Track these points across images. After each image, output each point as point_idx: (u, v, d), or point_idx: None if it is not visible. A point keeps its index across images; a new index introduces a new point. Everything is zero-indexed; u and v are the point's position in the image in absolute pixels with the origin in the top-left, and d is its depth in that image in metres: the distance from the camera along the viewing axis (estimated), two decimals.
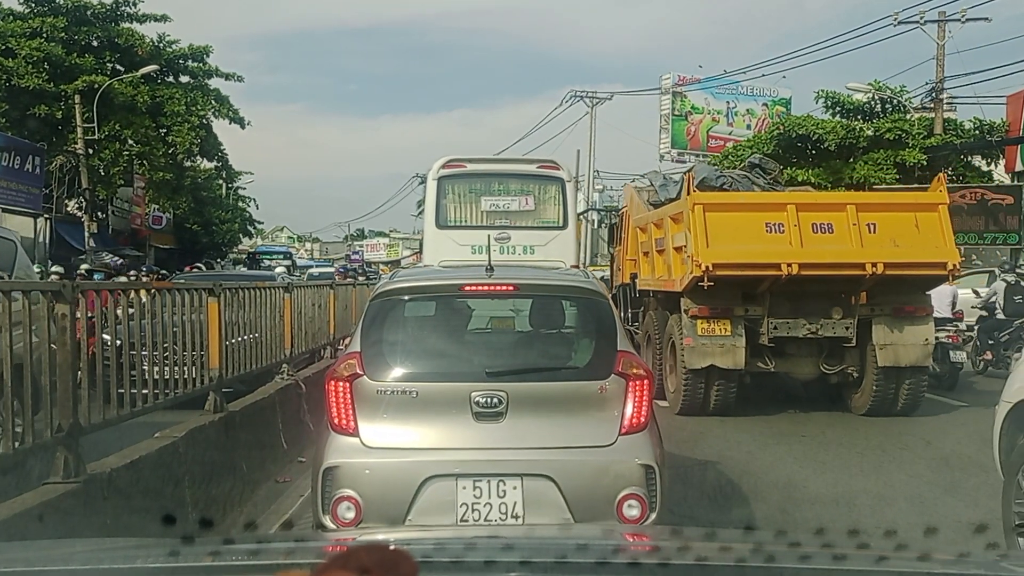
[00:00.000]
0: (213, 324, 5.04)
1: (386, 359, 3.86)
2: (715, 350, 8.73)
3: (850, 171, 22.90)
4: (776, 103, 38.19)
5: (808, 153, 23.86)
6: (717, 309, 8.82)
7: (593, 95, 39.32)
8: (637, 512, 3.59)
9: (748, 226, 8.69)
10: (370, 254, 74.25)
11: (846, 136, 22.66)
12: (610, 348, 3.88)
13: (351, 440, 3.69)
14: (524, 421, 3.69)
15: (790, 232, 8.54)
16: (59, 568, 1.50)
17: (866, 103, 24.02)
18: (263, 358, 6.32)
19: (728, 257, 8.47)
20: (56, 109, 24.79)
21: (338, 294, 9.42)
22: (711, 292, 8.61)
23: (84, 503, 3.45)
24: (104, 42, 26.50)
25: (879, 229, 8.61)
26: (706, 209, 8.65)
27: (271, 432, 5.93)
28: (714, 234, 8.56)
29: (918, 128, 22.81)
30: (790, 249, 8.45)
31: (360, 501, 3.57)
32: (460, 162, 10.55)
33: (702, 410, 8.97)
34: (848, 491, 5.97)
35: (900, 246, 8.56)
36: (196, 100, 27.32)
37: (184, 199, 36.18)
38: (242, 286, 5.89)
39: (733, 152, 24.82)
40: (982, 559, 1.52)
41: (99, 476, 3.62)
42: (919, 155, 22.30)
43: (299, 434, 6.54)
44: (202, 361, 4.96)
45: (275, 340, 6.66)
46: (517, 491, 3.55)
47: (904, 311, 8.91)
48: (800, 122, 22.91)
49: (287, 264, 40.92)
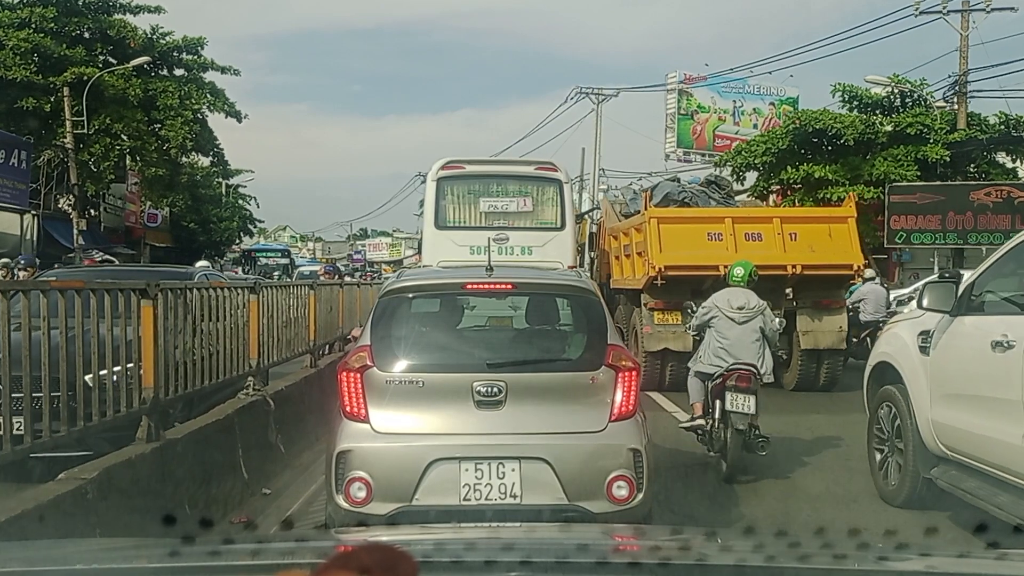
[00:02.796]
0: (147, 334, 4.11)
1: (394, 352, 4.11)
2: (668, 336, 10.54)
3: (869, 168, 21.88)
4: (784, 102, 37.81)
5: (824, 149, 22.86)
6: (670, 302, 10.53)
7: (599, 91, 38.63)
8: (625, 492, 3.86)
9: (694, 235, 10.70)
10: (373, 253, 73.67)
11: (865, 131, 21.65)
12: (601, 342, 4.16)
13: (362, 426, 3.94)
14: (522, 409, 3.95)
15: (727, 240, 10.51)
16: (59, 568, 1.50)
17: (885, 97, 22.98)
18: (220, 371, 5.32)
19: (677, 260, 10.40)
20: (45, 102, 23.96)
21: (321, 295, 8.39)
22: (665, 289, 10.54)
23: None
24: (96, 33, 25.68)
25: (799, 238, 10.58)
26: (660, 221, 10.72)
27: (228, 460, 5.00)
28: (666, 242, 10.54)
29: (940, 123, 21.77)
30: (727, 253, 10.03)
31: (371, 481, 3.81)
32: (459, 163, 10.79)
33: (659, 386, 10.45)
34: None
35: (816, 251, 10.49)
36: (190, 93, 26.47)
37: (181, 196, 35.37)
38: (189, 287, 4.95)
39: (747, 148, 23.81)
40: (982, 559, 1.54)
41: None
42: (942, 151, 21.27)
43: (266, 460, 5.63)
44: (128, 381, 4.00)
45: (237, 350, 5.69)
46: (515, 472, 3.81)
47: (822, 304, 10.79)
48: (817, 116, 21.83)
49: (285, 262, 40.02)
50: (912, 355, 5.41)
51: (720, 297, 6.91)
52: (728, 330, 6.62)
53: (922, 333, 5.32)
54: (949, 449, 5.02)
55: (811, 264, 10.37)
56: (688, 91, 37.89)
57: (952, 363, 5.07)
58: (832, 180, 21.73)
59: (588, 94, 38.33)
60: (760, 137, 24.86)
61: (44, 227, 24.54)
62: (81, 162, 24.50)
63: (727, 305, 6.72)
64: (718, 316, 6.73)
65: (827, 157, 22.43)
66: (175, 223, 37.44)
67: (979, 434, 4.71)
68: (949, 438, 5.01)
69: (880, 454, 5.80)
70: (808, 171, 21.74)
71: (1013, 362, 4.35)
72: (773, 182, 23.42)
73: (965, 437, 4.87)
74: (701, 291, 10.11)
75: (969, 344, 4.88)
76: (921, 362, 5.31)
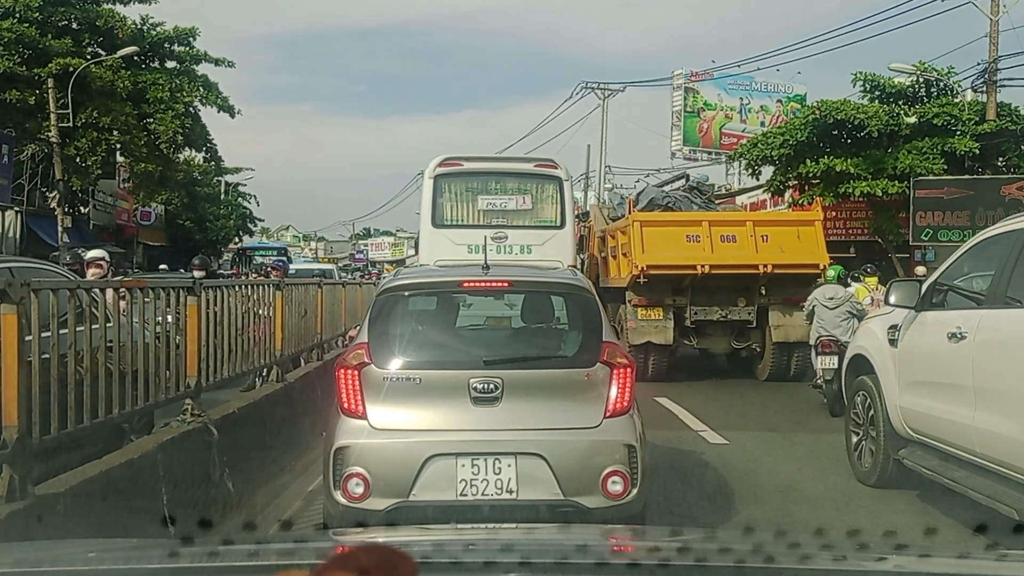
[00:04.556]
0: (9, 346, 3.00)
1: (391, 349, 4.12)
2: (651, 330, 11.37)
3: (892, 161, 20.68)
4: (791, 99, 37.24)
5: (844, 141, 21.67)
6: (652, 299, 11.46)
7: (605, 86, 37.83)
8: (620, 487, 3.86)
9: (673, 237, 11.49)
10: (375, 253, 72.98)
11: (889, 122, 20.44)
12: (596, 339, 4.18)
13: (359, 422, 3.95)
14: (518, 405, 3.95)
15: (704, 242, 11.32)
16: (59, 568, 1.49)
17: (909, 86, 21.76)
18: (131, 397, 3.99)
19: (659, 260, 11.16)
20: (29, 95, 22.97)
21: (291, 296, 7.09)
22: (647, 287, 11.37)
23: None
24: (83, 24, 24.68)
25: (770, 239, 11.44)
26: (643, 225, 11.49)
27: (147, 512, 3.86)
28: (648, 243, 11.28)
29: (968, 113, 20.56)
30: (704, 254, 11.19)
31: (368, 477, 3.81)
32: (456, 160, 10.56)
33: (642, 377, 10.60)
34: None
35: (785, 252, 11.35)
36: (182, 86, 25.45)
37: (176, 194, 34.37)
38: (81, 285, 3.83)
39: (763, 140, 22.60)
40: (982, 559, 1.55)
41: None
42: (970, 143, 20.06)
43: (208, 503, 4.51)
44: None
45: (168, 365, 4.52)
46: (511, 468, 3.82)
47: (792, 300, 11.36)
48: (838, 106, 20.57)
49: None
50: (882, 347, 5.93)
51: (818, 292, 9.77)
52: (823, 313, 9.45)
53: (891, 327, 5.81)
54: (914, 431, 5.50)
55: (781, 263, 11.24)
56: (694, 88, 37.65)
57: (916, 354, 5.55)
58: (854, 174, 20.55)
59: (594, 89, 37.70)
60: (777, 129, 23.68)
61: (28, 224, 23.52)
62: (67, 157, 23.49)
63: (822, 297, 9.59)
64: (817, 305, 9.57)
65: (848, 150, 21.25)
66: (170, 221, 36.46)
67: (938, 417, 5.16)
68: (914, 422, 5.50)
69: (856, 437, 6.28)
70: (829, 164, 20.56)
71: (965, 351, 4.81)
72: (791, 176, 22.23)
73: (927, 420, 5.34)
74: (681, 289, 11.57)
75: (930, 336, 5.34)
76: (890, 353, 5.80)
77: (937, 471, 5.10)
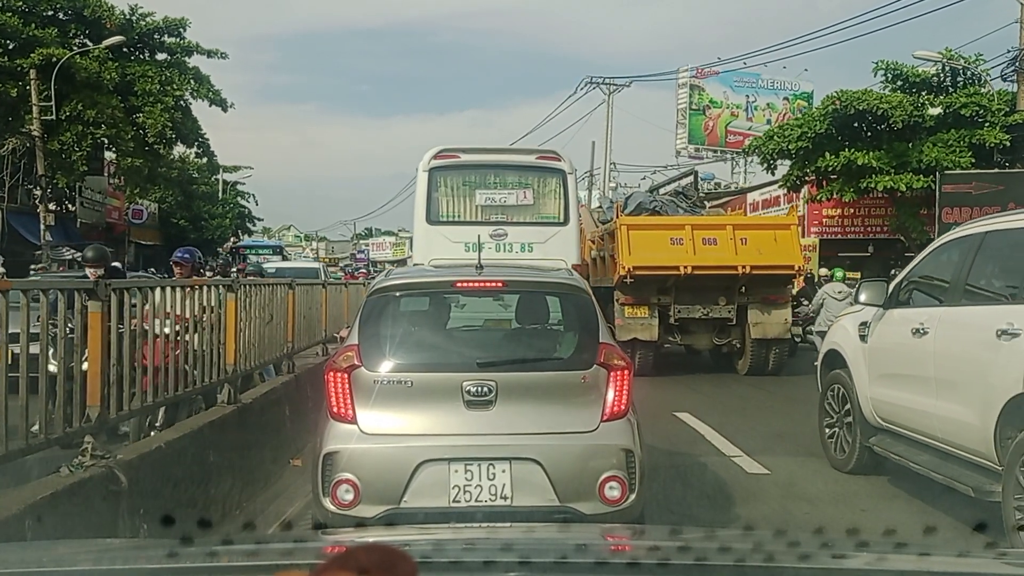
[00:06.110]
0: None
1: (382, 351, 4.02)
2: (637, 327, 12.10)
3: (916, 154, 19.56)
4: (798, 97, 36.66)
5: (865, 134, 20.55)
6: (638, 298, 12.18)
7: (610, 81, 36.89)
8: (618, 493, 3.77)
9: (658, 240, 12.17)
10: (376, 253, 72.21)
11: (914, 112, 19.31)
12: (592, 341, 4.09)
13: (349, 427, 3.85)
14: (512, 408, 3.87)
15: (687, 244, 12.00)
16: (59, 568, 1.49)
17: (934, 75, 20.63)
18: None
19: (644, 261, 11.85)
20: (11, 87, 22.01)
21: (252, 299, 5.96)
22: (633, 286, 12.05)
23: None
24: (70, 14, 23.70)
25: (749, 242, 12.06)
26: (629, 228, 12.24)
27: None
28: (635, 245, 12.00)
29: (998, 104, 19.42)
30: (687, 256, 11.89)
31: (358, 484, 3.72)
32: (453, 152, 10.05)
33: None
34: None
35: (763, 254, 11.97)
36: (172, 79, 24.46)
37: (171, 192, 33.37)
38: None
39: (779, 132, 21.49)
40: (982, 558, 1.53)
41: None
42: (1001, 135, 18.93)
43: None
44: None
45: (53, 392, 3.40)
46: (506, 474, 3.73)
47: (769, 299, 12.22)
48: (860, 96, 19.43)
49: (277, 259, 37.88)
50: (854, 343, 6.31)
51: (828, 287, 12.35)
52: (832, 304, 11.28)
53: (862, 324, 6.20)
54: (884, 420, 5.87)
55: (759, 265, 11.84)
56: (700, 86, 37.04)
57: (884, 348, 5.93)
58: (876, 168, 19.44)
59: (599, 84, 36.75)
60: (795, 121, 22.57)
61: (8, 222, 22.55)
62: (50, 151, 22.49)
63: (832, 291, 11.75)
64: (827, 297, 11.99)
65: (869, 143, 20.14)
66: (164, 220, 35.47)
67: (904, 406, 5.55)
68: (883, 411, 5.87)
69: (831, 429, 6.59)
70: (850, 158, 19.45)
71: (927, 345, 5.21)
72: (809, 170, 21.12)
73: (895, 410, 5.71)
74: (665, 289, 12.29)
75: (896, 332, 5.71)
76: (861, 348, 6.18)
77: (904, 456, 5.48)
